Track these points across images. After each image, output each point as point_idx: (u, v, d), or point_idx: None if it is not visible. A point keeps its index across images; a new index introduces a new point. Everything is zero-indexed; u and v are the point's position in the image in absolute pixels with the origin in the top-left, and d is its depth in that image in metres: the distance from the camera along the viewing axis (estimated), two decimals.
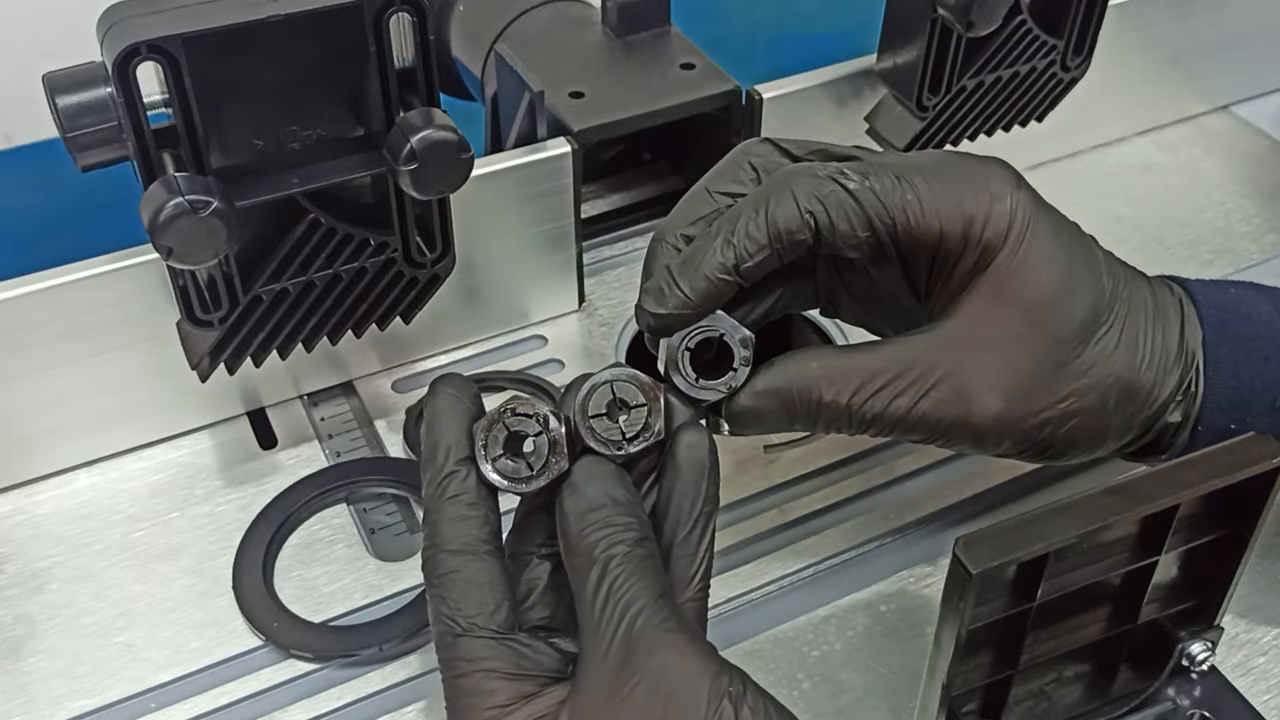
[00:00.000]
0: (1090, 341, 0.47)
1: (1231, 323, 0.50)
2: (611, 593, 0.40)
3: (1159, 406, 0.49)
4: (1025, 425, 0.47)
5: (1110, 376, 0.48)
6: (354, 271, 0.56)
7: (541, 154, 0.64)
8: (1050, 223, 0.48)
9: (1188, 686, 0.51)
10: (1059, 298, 0.47)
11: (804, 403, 0.47)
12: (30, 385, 0.58)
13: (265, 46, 0.49)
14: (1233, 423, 0.49)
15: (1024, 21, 0.65)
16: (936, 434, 0.47)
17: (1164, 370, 0.49)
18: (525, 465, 0.43)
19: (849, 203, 0.46)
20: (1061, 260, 0.47)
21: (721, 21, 1.11)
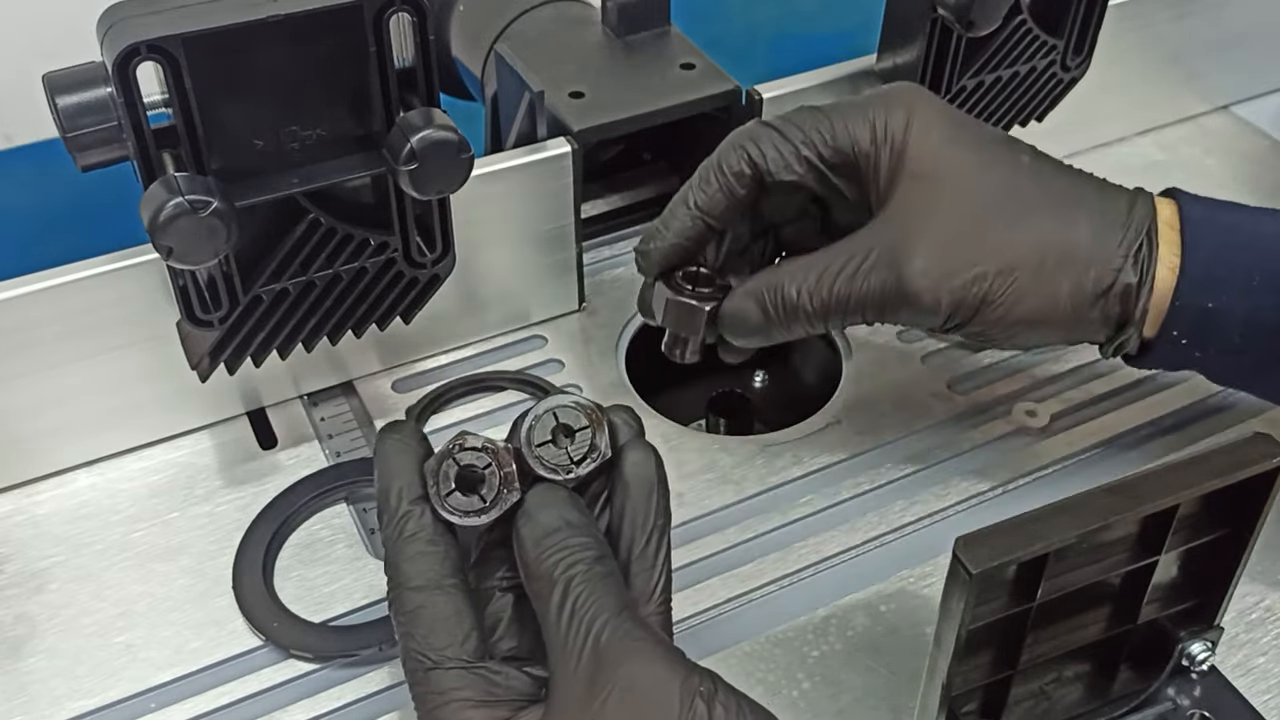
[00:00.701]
0: (1009, 203, 0.52)
1: (1213, 215, 0.53)
2: (575, 610, 0.41)
3: (1110, 269, 0.52)
4: (957, 281, 0.52)
5: (1039, 234, 0.52)
6: (354, 271, 0.56)
7: (541, 154, 0.64)
8: (956, 117, 0.55)
9: (1188, 686, 0.51)
10: (969, 168, 0.53)
11: (773, 299, 0.54)
12: (30, 385, 0.58)
13: (265, 46, 0.49)
14: (1210, 300, 0.52)
15: (1024, 21, 0.65)
16: (879, 304, 0.53)
17: (1105, 233, 0.52)
18: (478, 499, 0.44)
19: (774, 136, 0.54)
20: (967, 140, 0.54)
21: (721, 21, 1.11)
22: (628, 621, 0.41)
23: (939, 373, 0.67)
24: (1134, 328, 0.53)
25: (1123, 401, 0.66)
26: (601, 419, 0.45)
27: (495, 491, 0.44)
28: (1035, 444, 0.64)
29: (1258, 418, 0.65)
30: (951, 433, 0.64)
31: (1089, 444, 0.64)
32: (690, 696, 0.40)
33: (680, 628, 0.54)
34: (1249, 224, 0.53)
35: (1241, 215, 0.54)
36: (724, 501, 0.61)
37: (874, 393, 0.66)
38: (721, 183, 0.55)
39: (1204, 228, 0.53)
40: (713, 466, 0.63)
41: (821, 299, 0.53)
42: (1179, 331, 0.53)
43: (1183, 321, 0.53)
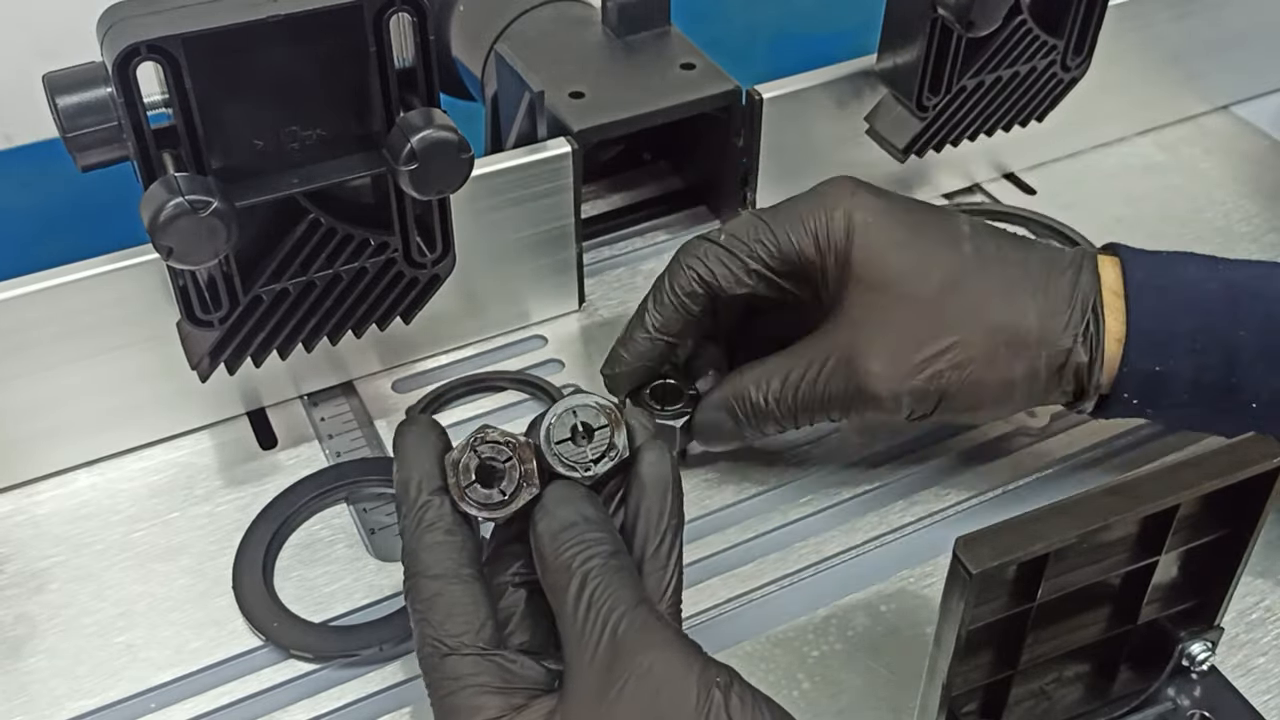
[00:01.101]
0: (955, 298, 0.54)
1: (1156, 276, 0.55)
2: (592, 602, 0.42)
3: (1060, 350, 0.54)
4: (914, 381, 0.54)
5: (988, 325, 0.54)
6: (354, 271, 0.56)
7: (541, 154, 0.64)
8: (894, 213, 0.56)
9: (1188, 686, 0.51)
10: (912, 268, 0.54)
11: (742, 407, 0.57)
12: (30, 385, 0.58)
13: (265, 46, 0.49)
14: (1156, 364, 0.54)
15: (1024, 21, 0.65)
16: (842, 406, 0.55)
17: (1052, 314, 0.54)
18: (498, 492, 0.45)
19: (720, 253, 0.56)
20: (907, 237, 0.55)
21: (721, 21, 1.11)
22: (645, 613, 0.42)
23: None
24: (1089, 399, 0.55)
25: None
26: (620, 419, 0.46)
27: (515, 485, 0.45)
28: (1035, 444, 0.64)
29: None
30: (951, 433, 0.64)
31: (1089, 444, 0.64)
32: (707, 687, 0.40)
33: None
34: (1191, 283, 0.55)
35: (1184, 273, 0.55)
36: (724, 501, 0.61)
37: None
38: (675, 302, 0.57)
39: (1147, 293, 0.54)
40: (713, 466, 0.62)
41: (787, 404, 0.56)
42: (1129, 393, 0.55)
43: (1132, 384, 0.54)
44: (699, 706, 0.40)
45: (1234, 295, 0.54)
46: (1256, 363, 0.53)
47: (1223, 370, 0.53)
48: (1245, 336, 0.53)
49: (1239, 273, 0.55)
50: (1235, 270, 0.55)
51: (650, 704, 0.40)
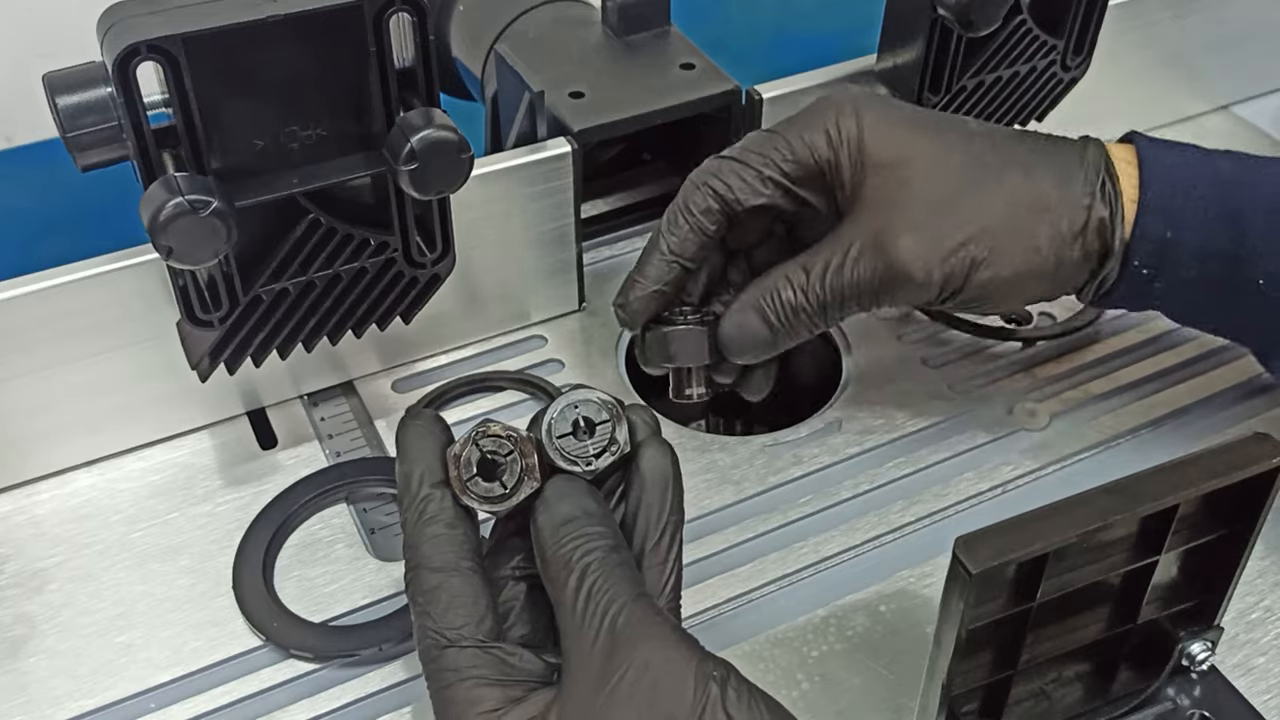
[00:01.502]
0: (973, 173, 0.55)
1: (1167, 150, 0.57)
2: (591, 595, 0.42)
3: (1081, 207, 0.55)
4: (943, 252, 0.54)
5: (1009, 193, 0.54)
6: (354, 271, 0.56)
7: (541, 154, 0.64)
8: (902, 104, 0.58)
9: (1188, 686, 0.51)
10: (928, 147, 0.55)
11: (772, 304, 0.56)
12: (30, 385, 0.58)
13: (265, 46, 0.49)
14: (1168, 229, 0.55)
15: (1024, 21, 0.65)
16: (875, 290, 0.55)
17: (1068, 177, 0.55)
18: (499, 485, 0.45)
19: (734, 166, 0.56)
20: (919, 123, 0.56)
21: (721, 21, 1.11)
22: (643, 607, 0.42)
23: (939, 373, 0.67)
24: (1114, 259, 0.55)
25: (1123, 401, 0.66)
26: (621, 414, 0.47)
27: (516, 479, 0.45)
28: (1035, 444, 0.64)
29: (1258, 418, 0.65)
30: (951, 433, 0.64)
31: (1089, 444, 0.64)
32: (704, 681, 0.41)
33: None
34: (1203, 161, 0.56)
35: (1196, 154, 0.57)
36: (724, 501, 0.61)
37: (874, 393, 0.66)
38: (691, 223, 0.56)
39: (1160, 163, 0.55)
40: (713, 466, 0.62)
41: (818, 294, 0.55)
42: (1139, 261, 0.55)
43: (1143, 251, 0.55)
44: (696, 699, 0.40)
45: (1244, 170, 0.55)
46: (1265, 236, 0.54)
47: (1231, 241, 0.54)
48: (1255, 210, 0.54)
49: (1249, 158, 0.57)
50: (1239, 152, 0.57)
51: (648, 696, 0.40)
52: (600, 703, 0.41)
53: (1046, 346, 0.69)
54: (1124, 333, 0.70)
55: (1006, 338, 0.69)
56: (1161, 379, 0.67)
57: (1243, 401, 0.66)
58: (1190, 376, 0.67)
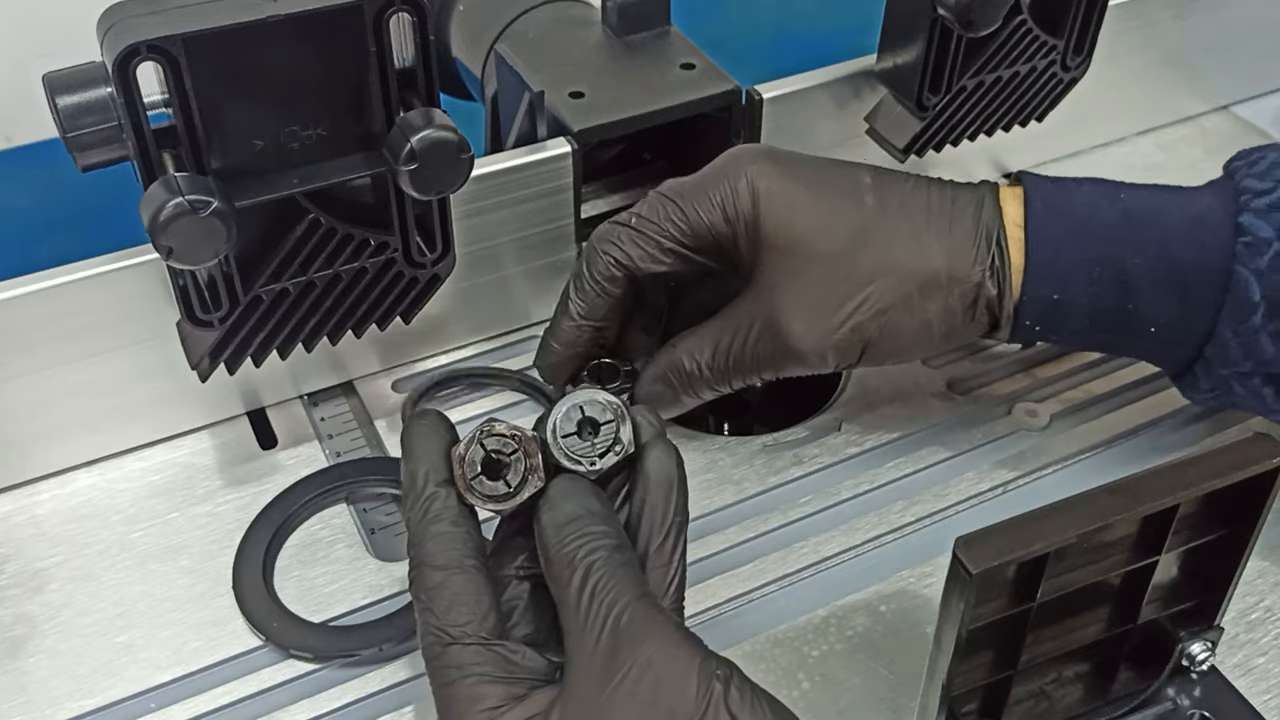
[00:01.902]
0: (864, 250, 0.56)
1: (1054, 206, 0.56)
2: (595, 593, 0.42)
3: (970, 285, 0.56)
4: (837, 333, 0.56)
5: (899, 271, 0.55)
6: (354, 271, 0.56)
7: (541, 154, 0.64)
8: (796, 175, 0.57)
9: (1188, 686, 0.51)
10: (818, 227, 0.56)
11: (678, 376, 0.58)
12: (30, 385, 0.58)
13: (265, 46, 0.49)
14: (1055, 293, 0.56)
15: (1024, 21, 0.65)
16: (770, 366, 0.57)
17: (958, 252, 0.56)
18: (503, 484, 0.45)
19: (632, 235, 0.57)
20: (810, 197, 0.56)
21: (721, 21, 1.11)
22: (647, 606, 0.42)
23: (939, 373, 0.67)
24: (1005, 325, 0.57)
25: (1123, 401, 0.66)
26: (626, 415, 0.47)
27: (520, 478, 0.45)
28: (1035, 444, 0.64)
29: (1258, 418, 0.65)
30: (951, 433, 0.64)
31: (1089, 444, 0.64)
32: (707, 679, 0.41)
33: None
34: (1088, 213, 0.56)
35: (1082, 202, 0.57)
36: (724, 501, 0.61)
37: (874, 393, 0.66)
38: (595, 288, 0.58)
39: (1045, 224, 0.56)
40: (713, 466, 0.63)
41: (720, 370, 0.58)
42: (1030, 320, 0.56)
43: (1033, 313, 0.56)
44: (699, 698, 0.40)
45: (1129, 223, 0.55)
46: (1151, 289, 0.55)
47: (1118, 297, 0.55)
48: (1140, 264, 0.55)
49: (1137, 200, 0.57)
50: (1134, 197, 0.57)
51: (650, 694, 0.41)
52: (603, 700, 0.41)
53: (1046, 346, 0.69)
54: None
55: None
56: (1161, 379, 0.67)
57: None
58: None
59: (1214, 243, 0.54)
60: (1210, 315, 0.54)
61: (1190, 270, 0.54)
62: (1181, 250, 0.54)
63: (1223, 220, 0.54)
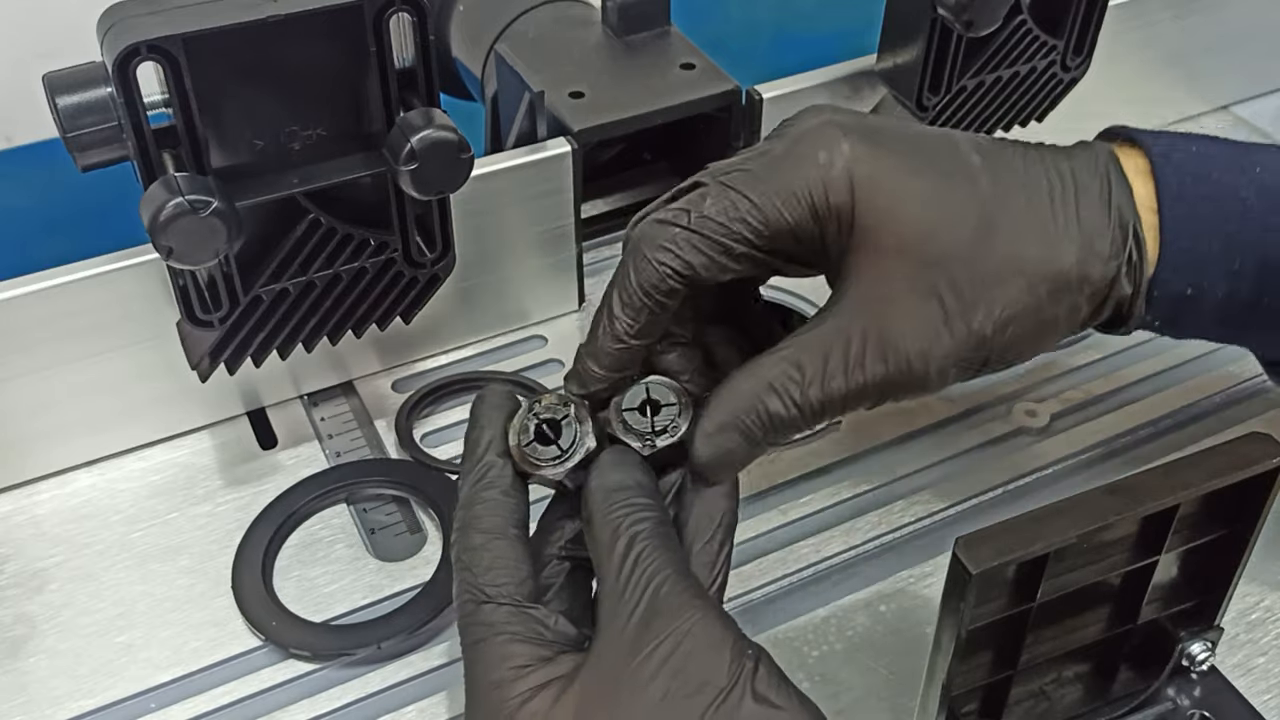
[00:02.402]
0: (987, 250, 0.47)
1: (1190, 184, 0.49)
2: (638, 562, 0.42)
3: (1103, 284, 0.48)
4: (961, 352, 0.47)
5: (1028, 274, 0.47)
6: (354, 271, 0.56)
7: (541, 154, 0.64)
8: (896, 156, 0.47)
9: (1188, 686, 0.51)
10: (931, 226, 0.46)
11: (759, 423, 0.46)
12: (30, 385, 0.58)
13: (265, 46, 0.49)
14: (1189, 287, 0.49)
15: (1024, 21, 0.65)
16: (883, 394, 0.47)
17: (1091, 249, 0.47)
18: (555, 448, 0.46)
19: (693, 239, 0.46)
20: (919, 189, 0.47)
21: (721, 21, 1.11)
22: (687, 580, 0.42)
23: None
24: (1128, 325, 0.50)
25: (1123, 401, 0.66)
26: (689, 405, 0.47)
27: (572, 440, 0.46)
28: (1035, 444, 0.64)
29: (1258, 418, 0.65)
30: (951, 433, 0.64)
31: (1089, 444, 0.64)
32: (740, 656, 0.41)
33: None
34: (1224, 191, 0.49)
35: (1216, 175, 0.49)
36: None
37: None
38: (649, 303, 0.46)
39: (1181, 207, 0.49)
40: None
41: (813, 408, 0.46)
42: (1153, 316, 0.50)
43: (1161, 308, 0.50)
44: (730, 673, 0.40)
45: (1269, 204, 0.49)
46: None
47: (1256, 290, 0.49)
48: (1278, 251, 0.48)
49: (1271, 175, 0.49)
50: (1268, 172, 0.49)
51: (682, 664, 0.40)
52: (633, 666, 0.41)
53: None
54: None
55: None
56: (1161, 379, 0.67)
57: (1242, 401, 0.66)
58: (1190, 376, 0.67)
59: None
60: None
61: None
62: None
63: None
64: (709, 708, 0.40)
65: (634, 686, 0.40)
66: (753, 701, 0.40)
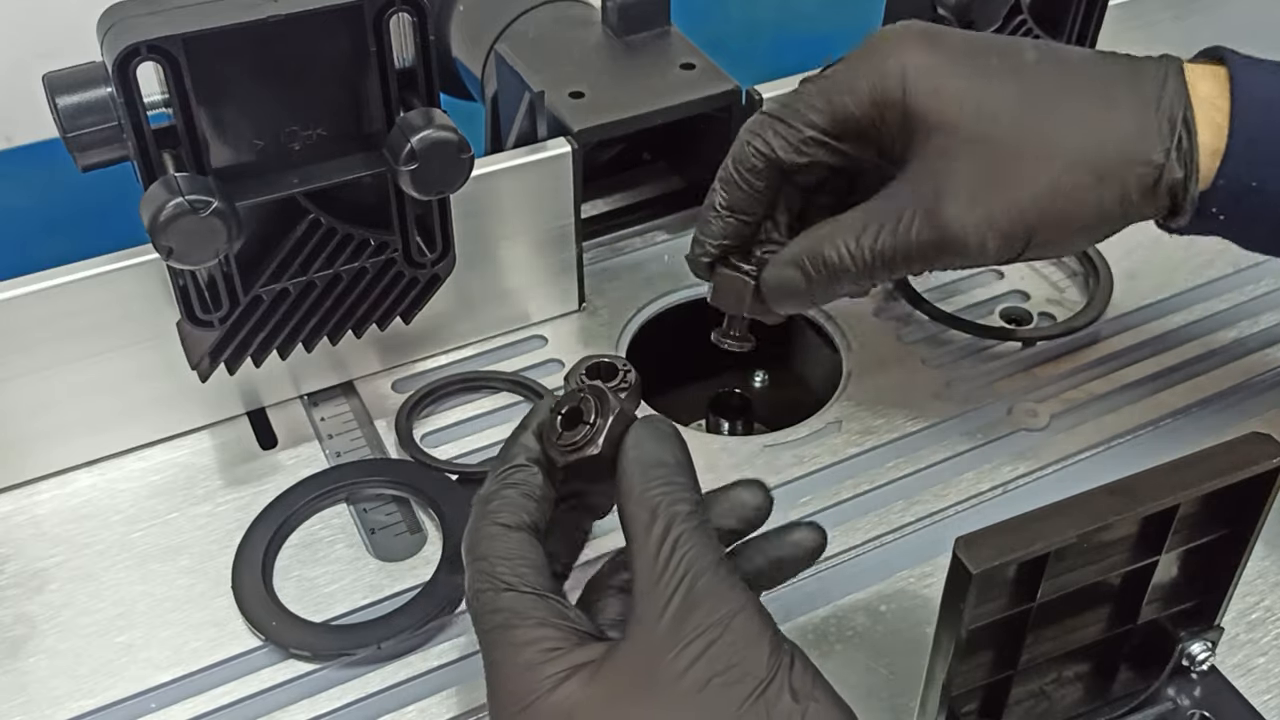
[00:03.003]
0: (1030, 130, 0.51)
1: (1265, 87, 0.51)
2: (677, 546, 0.42)
3: (1152, 166, 0.51)
4: (999, 223, 0.52)
5: (1070, 154, 0.51)
6: (354, 271, 0.56)
7: (541, 154, 0.64)
8: (950, 53, 0.53)
9: (1188, 686, 0.51)
10: (977, 106, 0.52)
11: (814, 262, 0.54)
12: (30, 385, 0.58)
13: (265, 46, 0.49)
14: (1254, 179, 0.51)
15: (1024, 21, 0.65)
16: (925, 256, 0.53)
17: (1139, 132, 0.51)
18: (584, 426, 0.45)
19: (776, 125, 0.54)
20: (967, 75, 0.52)
21: (721, 21, 1.11)
22: (727, 569, 0.42)
23: (939, 373, 0.67)
24: (1185, 214, 0.53)
25: (1123, 401, 0.66)
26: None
27: (593, 414, 0.45)
28: (1035, 444, 0.64)
29: (1258, 418, 0.65)
30: (951, 433, 0.64)
31: (1089, 444, 0.64)
32: (778, 650, 0.41)
33: None
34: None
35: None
36: None
37: (874, 393, 0.66)
38: (741, 180, 0.55)
39: (1252, 106, 0.51)
40: (713, 467, 0.62)
41: (864, 260, 0.53)
42: (1218, 208, 0.52)
43: (1224, 200, 0.52)
44: (769, 666, 0.40)
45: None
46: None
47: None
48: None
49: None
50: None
51: (723, 651, 0.40)
52: (671, 655, 0.40)
53: (1046, 346, 0.69)
54: (1124, 333, 0.70)
55: (1006, 338, 0.69)
56: (1161, 379, 0.67)
57: (1243, 401, 0.66)
58: (1190, 376, 0.67)
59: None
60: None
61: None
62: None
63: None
64: (748, 699, 0.40)
65: (671, 674, 0.40)
66: (790, 696, 0.40)
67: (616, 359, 0.51)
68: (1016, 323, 0.70)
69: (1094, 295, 0.71)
